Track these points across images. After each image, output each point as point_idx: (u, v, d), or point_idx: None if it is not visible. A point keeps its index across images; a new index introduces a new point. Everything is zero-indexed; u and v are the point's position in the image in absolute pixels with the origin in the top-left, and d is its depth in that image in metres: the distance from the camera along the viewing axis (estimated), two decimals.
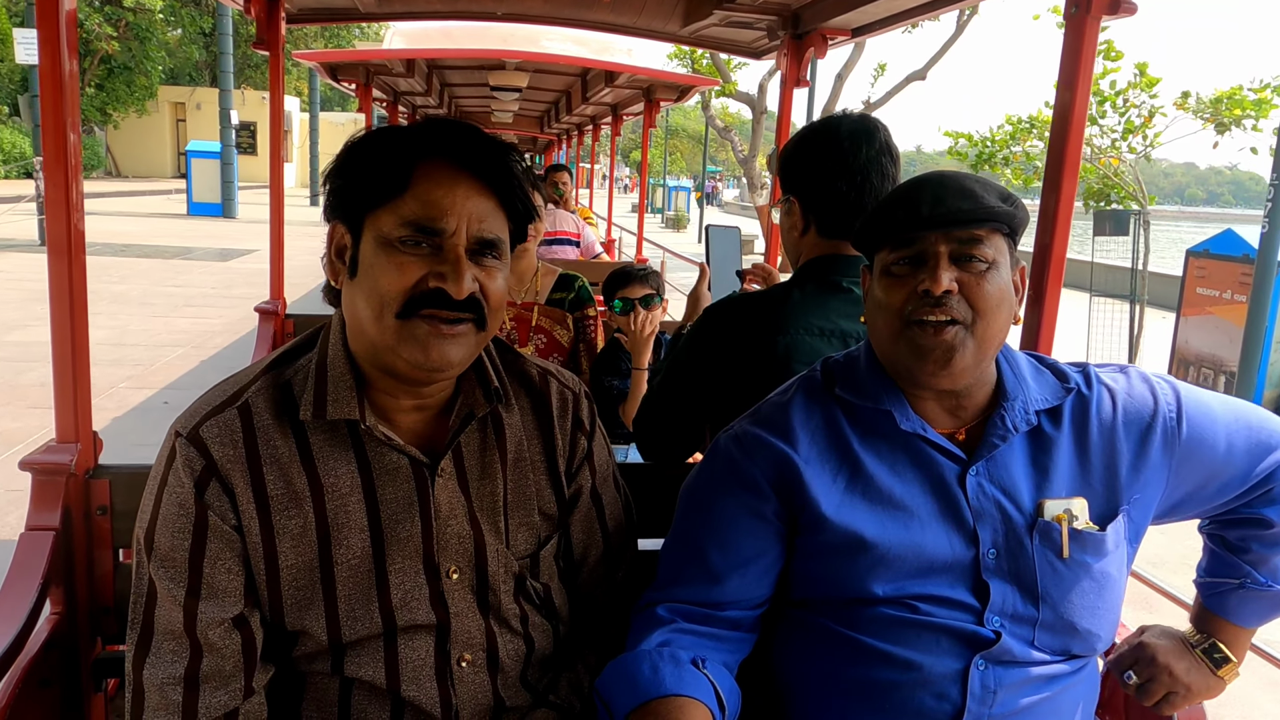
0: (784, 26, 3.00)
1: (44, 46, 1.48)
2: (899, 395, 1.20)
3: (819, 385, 1.26)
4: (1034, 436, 1.19)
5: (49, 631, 1.44)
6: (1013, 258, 1.18)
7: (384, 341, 1.04)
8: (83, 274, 1.54)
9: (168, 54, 33.07)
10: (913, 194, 1.15)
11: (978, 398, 1.20)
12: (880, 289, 1.18)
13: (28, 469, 1.49)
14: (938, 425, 1.20)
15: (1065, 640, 1.15)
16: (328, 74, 6.14)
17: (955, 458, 1.17)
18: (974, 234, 1.13)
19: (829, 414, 1.22)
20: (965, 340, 1.12)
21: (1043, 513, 1.15)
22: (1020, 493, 1.16)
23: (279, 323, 3.22)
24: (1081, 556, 1.14)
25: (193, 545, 1.04)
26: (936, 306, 1.11)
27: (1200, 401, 1.22)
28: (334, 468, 1.09)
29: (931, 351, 1.12)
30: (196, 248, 14.61)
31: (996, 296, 1.13)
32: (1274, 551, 1.25)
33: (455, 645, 1.13)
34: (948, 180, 1.15)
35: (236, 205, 21.74)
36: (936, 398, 1.19)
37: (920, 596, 1.13)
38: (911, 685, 1.12)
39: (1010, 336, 1.22)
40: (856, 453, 1.19)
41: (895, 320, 1.15)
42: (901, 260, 1.16)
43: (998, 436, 1.17)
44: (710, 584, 1.19)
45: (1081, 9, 1.61)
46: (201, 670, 1.04)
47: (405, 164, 1.04)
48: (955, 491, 1.16)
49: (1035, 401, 1.19)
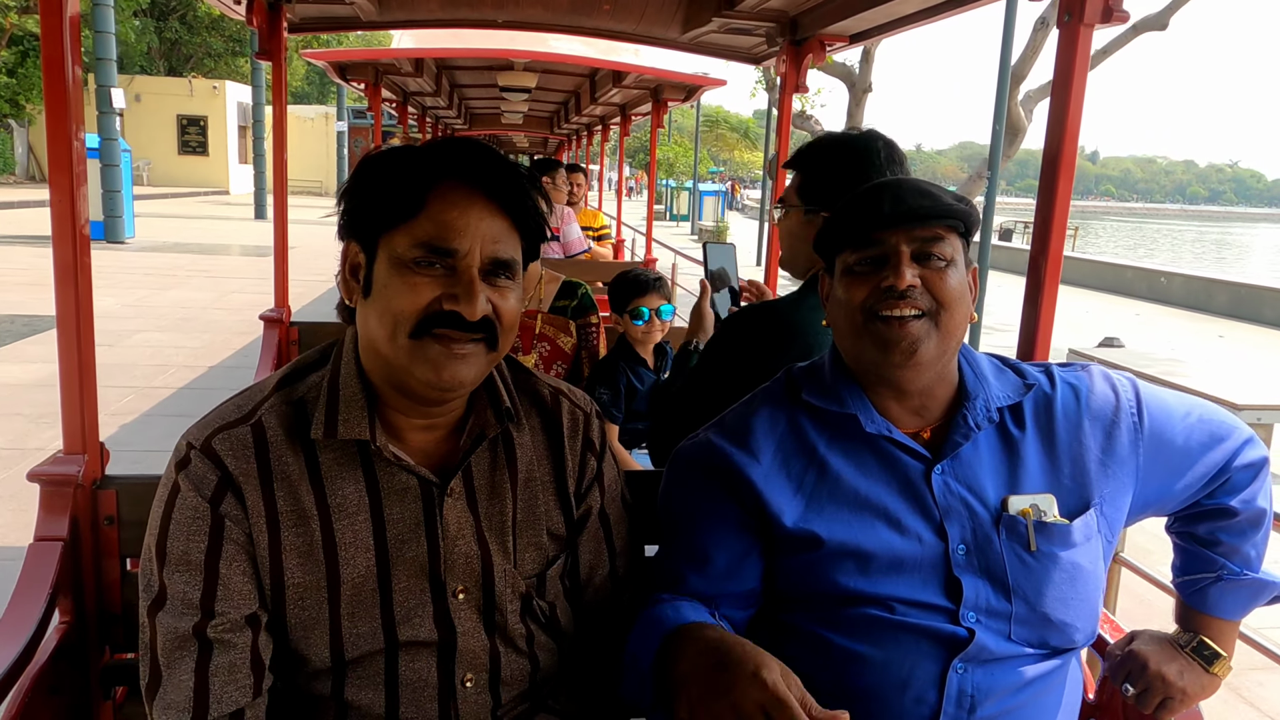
0: (782, 33, 3.02)
1: (47, 51, 1.47)
2: (863, 398, 1.23)
3: (783, 393, 1.29)
4: (1000, 434, 1.22)
5: (58, 640, 1.45)
6: (966, 258, 1.22)
7: (397, 361, 1.05)
8: (89, 287, 1.56)
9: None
10: (873, 196, 1.19)
11: (940, 397, 1.23)
12: (842, 288, 1.22)
13: (36, 480, 1.51)
14: (903, 425, 1.23)
15: (1041, 633, 1.16)
16: (337, 74, 6.16)
17: (920, 457, 1.20)
18: (934, 232, 1.17)
19: (794, 420, 1.25)
20: (930, 332, 1.15)
21: (1007, 507, 1.17)
22: (986, 489, 1.19)
23: (283, 330, 3.24)
24: (1049, 548, 1.16)
25: (209, 547, 1.05)
26: (900, 300, 1.14)
27: (1157, 397, 1.27)
28: (342, 487, 1.10)
29: (897, 344, 1.15)
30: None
31: (958, 291, 1.17)
32: (1242, 540, 1.28)
33: (460, 664, 1.13)
34: (905, 183, 1.20)
35: (129, 223, 14.91)
36: (900, 398, 1.22)
37: (895, 597, 1.15)
38: (890, 689, 1.13)
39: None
40: (823, 456, 1.22)
41: (858, 315, 1.18)
42: (864, 261, 1.19)
43: (961, 435, 1.20)
44: (701, 579, 1.22)
45: (1075, 17, 1.63)
46: (212, 668, 1.04)
47: (420, 185, 1.05)
48: (922, 489, 1.19)
49: (996, 399, 1.23)
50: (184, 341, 7.78)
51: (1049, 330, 1.74)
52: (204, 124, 30.92)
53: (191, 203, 24.75)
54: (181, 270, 11.99)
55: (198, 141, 31.07)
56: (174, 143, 31.24)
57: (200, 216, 21.12)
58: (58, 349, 1.54)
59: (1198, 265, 28.04)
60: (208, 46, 35.13)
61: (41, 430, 5.17)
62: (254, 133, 21.85)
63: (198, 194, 27.93)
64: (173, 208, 22.78)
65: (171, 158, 31.11)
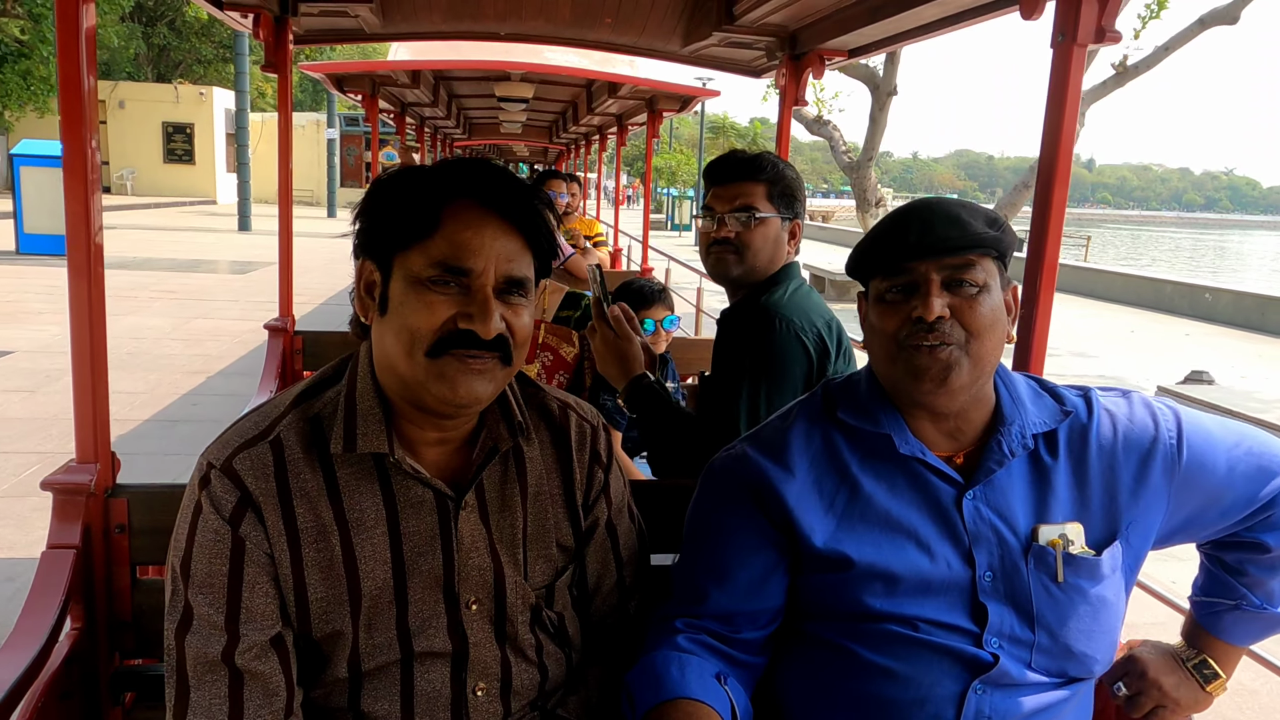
0: (782, 47, 3.06)
1: (64, 61, 1.49)
2: (898, 419, 1.22)
3: (820, 408, 1.29)
4: (1032, 461, 1.20)
5: (69, 646, 1.47)
6: (1003, 279, 1.20)
7: (414, 378, 1.07)
8: (101, 296, 1.58)
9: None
10: (901, 223, 1.18)
11: (975, 421, 1.21)
12: (875, 316, 1.21)
13: (49, 489, 1.53)
14: (936, 448, 1.21)
15: (1061, 663, 1.16)
16: (334, 85, 6.19)
17: (953, 481, 1.19)
18: (965, 259, 1.15)
19: (828, 437, 1.25)
20: (961, 359, 1.14)
21: (1037, 537, 1.17)
22: (1016, 517, 1.18)
23: (288, 339, 3.26)
24: (1076, 580, 1.16)
25: (230, 571, 1.06)
26: (930, 332, 1.14)
27: (1201, 427, 1.23)
28: (360, 501, 1.12)
29: (928, 370, 1.14)
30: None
31: (989, 318, 1.16)
32: (1270, 575, 1.27)
33: (471, 674, 1.15)
34: (935, 208, 1.18)
35: None
36: (934, 420, 1.21)
37: (920, 617, 1.15)
38: (909, 704, 1.13)
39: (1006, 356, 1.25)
40: (855, 475, 1.21)
41: (890, 344, 1.18)
42: (894, 288, 1.19)
43: (994, 461, 1.18)
44: (722, 595, 1.22)
45: (1068, 37, 1.67)
46: (244, 695, 1.05)
47: (434, 205, 1.07)
48: (952, 514, 1.18)
49: (1032, 425, 1.21)
50: (123, 384, 6.43)
51: (1043, 346, 1.77)
52: (190, 131, 29.44)
53: (175, 213, 23.06)
54: (144, 291, 10.70)
55: (184, 150, 29.58)
56: (159, 151, 29.83)
57: (182, 228, 19.79)
58: (71, 359, 1.56)
59: (1199, 274, 27.81)
60: (197, 53, 33.73)
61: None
62: (238, 140, 21.07)
63: (183, 204, 26.47)
64: (154, 219, 21.14)
65: (157, 166, 29.71)
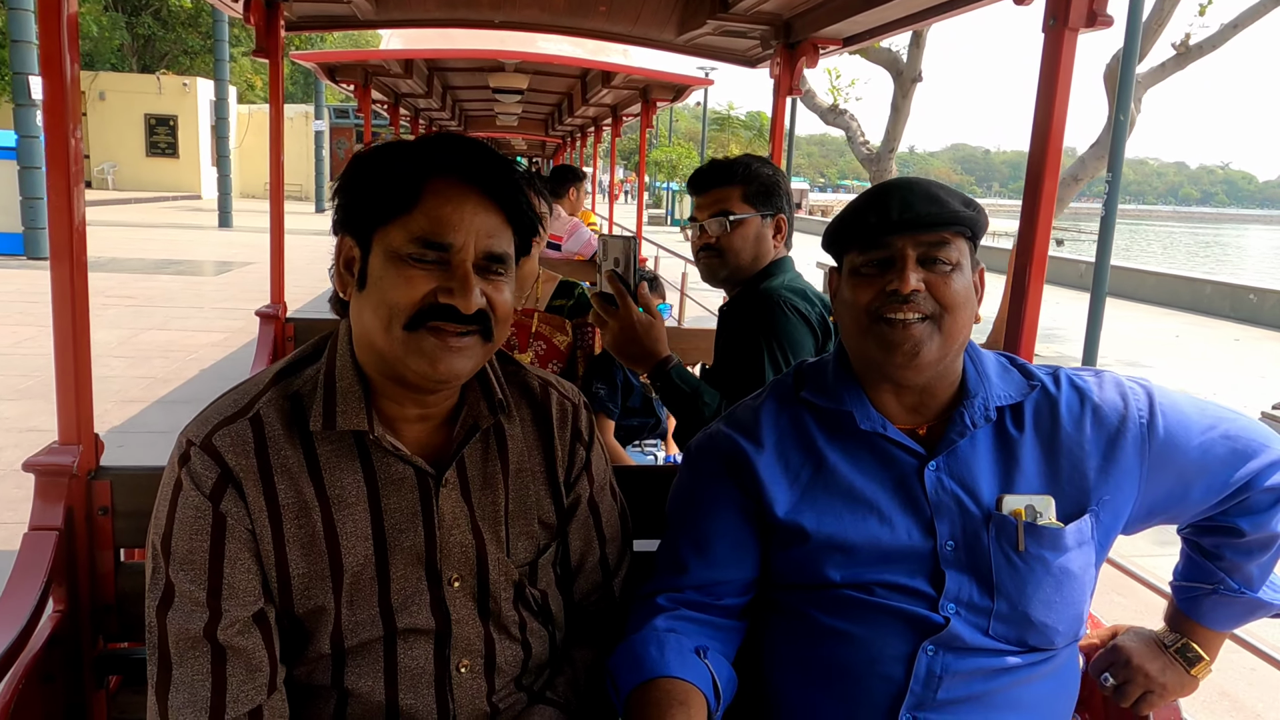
0: (776, 36, 3.04)
1: (45, 51, 1.48)
2: (861, 396, 1.25)
3: (789, 389, 1.33)
4: (997, 433, 1.23)
5: (52, 629, 1.47)
6: (973, 259, 1.24)
7: (392, 353, 1.07)
8: (84, 279, 1.57)
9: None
10: (882, 199, 1.20)
11: (940, 395, 1.24)
12: (848, 289, 1.24)
13: (31, 470, 1.52)
14: (899, 422, 1.25)
15: (1020, 631, 1.18)
16: (326, 75, 6.15)
17: (914, 453, 1.22)
18: (940, 237, 1.19)
19: (796, 415, 1.29)
20: (932, 334, 1.18)
21: (1001, 507, 1.19)
22: (980, 488, 1.20)
23: (279, 326, 3.26)
24: (1039, 551, 1.18)
25: (211, 547, 1.06)
26: (904, 304, 1.17)
27: (1175, 407, 1.24)
28: (341, 478, 1.11)
29: (900, 345, 1.17)
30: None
31: (962, 295, 1.19)
32: (1247, 559, 1.27)
33: (455, 651, 1.15)
34: (915, 186, 1.21)
35: None
36: (898, 394, 1.24)
37: (878, 582, 1.18)
38: (863, 664, 1.16)
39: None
40: (821, 449, 1.25)
41: (862, 316, 1.21)
42: (870, 262, 1.21)
43: (956, 433, 1.22)
44: (702, 565, 1.25)
45: (1059, 21, 1.66)
46: (227, 671, 1.05)
47: (414, 180, 1.07)
48: (914, 485, 1.21)
49: (997, 398, 1.24)
50: (36, 419, 5.22)
51: (1033, 330, 1.77)
52: (174, 124, 28.02)
53: (156, 209, 21.72)
54: (100, 297, 9.30)
55: (167, 143, 28.20)
56: (142, 144, 28.55)
57: (159, 225, 18.70)
58: (53, 341, 1.55)
59: (1195, 268, 27.62)
60: (183, 44, 32.48)
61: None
62: (218, 131, 20.18)
63: (166, 199, 25.09)
64: (134, 215, 20.05)
65: (139, 160, 28.41)
